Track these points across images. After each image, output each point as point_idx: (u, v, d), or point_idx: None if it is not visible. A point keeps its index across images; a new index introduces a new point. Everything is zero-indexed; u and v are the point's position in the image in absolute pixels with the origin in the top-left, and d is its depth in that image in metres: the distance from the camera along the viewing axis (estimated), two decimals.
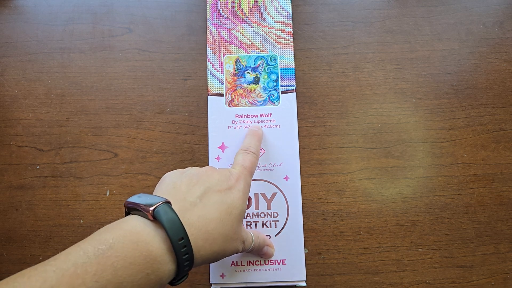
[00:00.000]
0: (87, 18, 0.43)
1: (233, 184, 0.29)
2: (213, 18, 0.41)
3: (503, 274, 0.37)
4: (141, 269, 0.22)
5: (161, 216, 0.24)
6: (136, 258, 0.22)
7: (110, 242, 0.22)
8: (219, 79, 0.39)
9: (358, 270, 0.37)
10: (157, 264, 0.23)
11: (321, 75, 0.41)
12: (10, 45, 0.42)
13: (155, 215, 0.24)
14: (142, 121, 0.41)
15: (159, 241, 0.23)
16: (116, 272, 0.21)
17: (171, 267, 0.24)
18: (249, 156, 0.33)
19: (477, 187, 0.39)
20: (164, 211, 0.24)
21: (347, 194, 0.39)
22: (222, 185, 0.28)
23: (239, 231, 0.29)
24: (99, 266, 0.21)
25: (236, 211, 0.28)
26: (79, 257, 0.21)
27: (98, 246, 0.22)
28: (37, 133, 0.40)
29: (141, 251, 0.22)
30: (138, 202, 0.25)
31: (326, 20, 0.43)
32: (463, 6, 0.43)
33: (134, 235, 0.23)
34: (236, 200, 0.28)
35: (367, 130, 0.40)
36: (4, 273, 0.37)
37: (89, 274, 0.20)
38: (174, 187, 0.28)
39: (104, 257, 0.21)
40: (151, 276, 0.23)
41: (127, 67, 0.42)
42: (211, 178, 0.29)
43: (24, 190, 0.39)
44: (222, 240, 0.27)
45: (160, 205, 0.24)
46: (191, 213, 0.26)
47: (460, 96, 0.41)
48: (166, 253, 0.23)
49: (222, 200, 0.27)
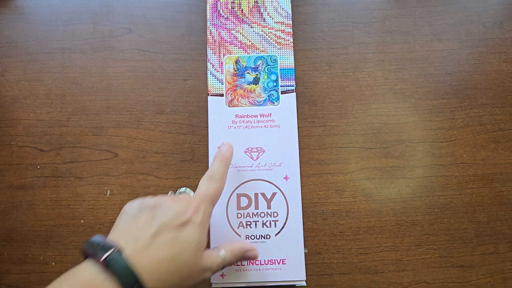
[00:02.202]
0: (87, 19, 0.43)
1: (189, 218, 0.29)
2: (213, 18, 0.41)
3: (503, 274, 0.37)
4: None
5: (112, 265, 0.25)
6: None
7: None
8: (219, 79, 0.39)
9: (358, 269, 0.37)
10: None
11: (321, 75, 0.41)
12: (10, 45, 0.43)
13: (106, 264, 0.25)
14: (142, 121, 0.41)
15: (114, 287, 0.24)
16: None
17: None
18: (213, 184, 0.32)
19: (476, 187, 0.39)
20: (115, 260, 0.25)
21: (346, 194, 0.39)
22: (177, 220, 0.28)
23: (197, 264, 0.29)
24: None
25: (190, 246, 0.28)
26: None
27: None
28: (37, 133, 0.41)
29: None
30: (91, 249, 0.26)
31: (326, 21, 0.43)
32: (463, 7, 0.43)
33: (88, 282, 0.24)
34: (191, 234, 0.28)
35: (366, 130, 0.40)
36: (5, 273, 0.38)
37: None
38: (130, 223, 0.29)
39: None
40: None
41: (127, 67, 0.42)
42: (167, 211, 0.29)
43: (24, 190, 0.39)
44: (178, 277, 0.27)
45: (111, 254, 0.25)
46: (144, 255, 0.26)
47: (460, 96, 0.41)
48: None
49: (175, 237, 0.28)
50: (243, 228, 0.36)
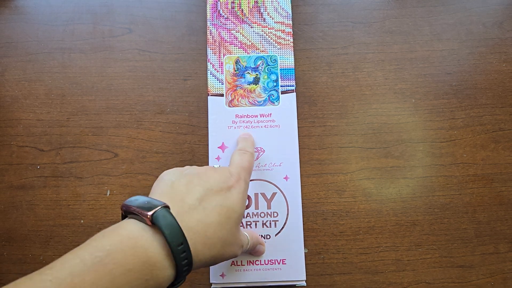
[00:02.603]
0: (87, 18, 0.43)
1: (232, 185, 0.28)
2: (213, 18, 0.41)
3: (503, 274, 0.37)
4: (140, 275, 0.22)
5: (159, 222, 0.23)
6: (135, 265, 0.22)
7: (107, 248, 0.21)
8: (219, 79, 0.39)
9: (358, 270, 0.37)
10: (156, 270, 0.22)
11: (321, 75, 0.41)
12: (10, 45, 0.43)
13: (153, 220, 0.23)
14: (142, 121, 0.41)
15: (158, 246, 0.23)
16: (114, 280, 0.20)
17: (170, 272, 0.23)
18: (247, 156, 0.32)
19: (476, 187, 0.39)
20: (163, 216, 0.23)
21: (346, 194, 0.39)
22: (222, 186, 0.28)
23: (237, 235, 0.28)
24: (96, 274, 0.20)
25: (235, 215, 0.27)
26: (76, 265, 0.20)
27: (95, 253, 0.21)
28: (37, 133, 0.41)
29: (139, 257, 0.22)
30: (135, 207, 0.24)
31: (326, 21, 0.43)
32: (463, 7, 0.43)
33: (132, 240, 0.22)
34: (236, 203, 0.28)
35: (366, 130, 0.40)
36: (5, 273, 0.38)
37: (86, 283, 0.20)
38: (173, 187, 0.27)
39: (101, 264, 0.21)
40: (150, 282, 0.22)
41: (127, 67, 0.42)
42: (211, 178, 0.28)
43: (24, 190, 0.39)
44: (221, 245, 0.26)
45: (159, 210, 0.23)
46: (190, 216, 0.25)
47: (460, 96, 0.41)
48: (165, 259, 0.23)
49: (222, 203, 0.27)
50: (243, 228, 0.36)
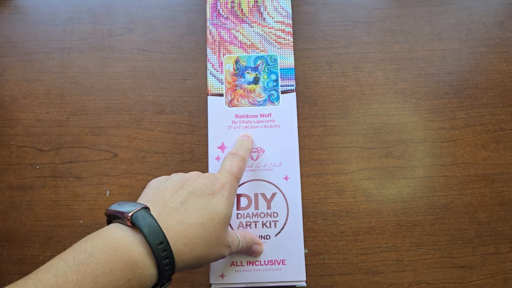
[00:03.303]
0: (87, 18, 0.43)
1: (217, 190, 0.29)
2: (213, 18, 0.41)
3: (504, 274, 0.37)
4: (122, 274, 0.22)
5: (139, 221, 0.24)
6: (116, 264, 0.22)
7: (89, 250, 0.22)
8: (219, 79, 0.39)
9: (358, 270, 0.37)
10: (138, 269, 0.23)
11: (321, 75, 0.41)
12: (10, 45, 0.42)
13: (133, 220, 0.24)
14: (142, 121, 0.41)
15: (139, 245, 0.23)
16: (96, 279, 0.21)
17: (153, 271, 0.24)
18: (236, 160, 0.32)
19: (477, 187, 0.39)
20: (142, 216, 0.24)
21: (347, 194, 0.39)
22: (206, 190, 0.28)
23: (223, 236, 0.29)
24: (79, 274, 0.21)
25: (219, 217, 0.28)
26: (60, 267, 0.21)
27: (77, 255, 0.22)
28: (36, 133, 0.40)
29: (120, 256, 0.22)
30: (116, 209, 0.25)
31: (326, 20, 0.43)
32: (464, 6, 0.43)
33: (113, 241, 0.23)
34: (220, 205, 0.28)
35: (367, 130, 0.40)
36: (4, 273, 0.37)
37: (70, 284, 0.20)
38: (157, 193, 0.28)
39: (84, 265, 0.21)
40: (133, 281, 0.23)
41: (127, 67, 0.42)
42: (195, 183, 0.29)
43: (23, 190, 0.39)
44: (204, 245, 0.27)
45: (138, 211, 0.24)
46: (171, 218, 0.26)
47: (461, 96, 0.41)
48: (147, 258, 0.23)
49: (204, 205, 0.28)
50: (243, 229, 0.36)
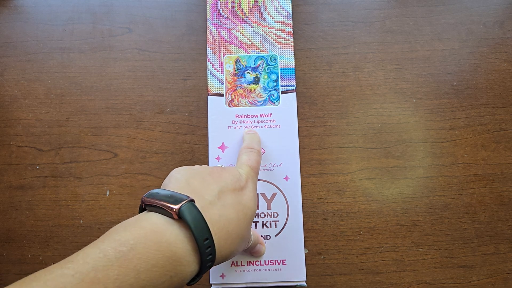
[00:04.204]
0: (87, 18, 0.43)
1: (244, 185, 0.28)
2: (213, 18, 0.41)
3: (504, 275, 0.37)
4: (164, 271, 0.21)
5: (186, 216, 0.22)
6: (159, 260, 0.21)
7: (131, 243, 0.20)
8: (219, 79, 0.39)
9: (358, 270, 0.37)
10: (181, 265, 0.22)
11: (321, 75, 0.41)
12: (9, 45, 0.42)
13: (180, 214, 0.22)
14: (142, 121, 0.41)
15: (183, 241, 0.22)
16: (139, 276, 0.20)
17: (194, 268, 0.23)
18: (254, 154, 0.32)
19: (477, 187, 0.39)
20: (189, 210, 0.22)
21: (347, 194, 0.39)
22: (235, 185, 0.27)
23: (250, 233, 0.28)
24: (121, 270, 0.19)
25: (250, 212, 0.27)
26: (99, 259, 0.19)
27: (118, 248, 0.20)
28: (36, 133, 0.40)
29: (164, 252, 0.21)
30: (159, 200, 0.23)
31: (326, 20, 0.43)
32: (464, 6, 0.43)
33: (157, 235, 0.21)
34: (249, 200, 0.27)
35: (367, 130, 0.40)
36: (4, 274, 0.37)
37: (110, 279, 0.19)
38: (188, 184, 0.26)
39: (126, 259, 0.19)
40: (174, 278, 0.21)
41: (127, 67, 0.42)
42: (223, 178, 0.27)
43: (23, 190, 0.39)
44: (239, 241, 0.26)
45: (185, 204, 0.23)
46: (212, 212, 0.24)
47: (461, 96, 0.41)
48: (190, 254, 0.22)
49: (238, 201, 0.27)
50: None
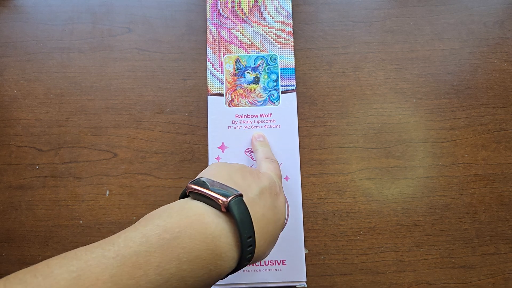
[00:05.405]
0: (86, 18, 0.43)
1: (278, 191, 0.28)
2: (213, 17, 0.41)
3: (504, 275, 0.37)
4: (206, 264, 0.20)
5: (234, 210, 0.21)
6: (202, 252, 0.20)
7: (176, 231, 0.20)
8: (219, 79, 0.39)
9: (359, 270, 0.37)
10: (221, 260, 0.21)
11: (322, 75, 0.41)
12: (9, 45, 0.42)
13: (229, 207, 0.22)
14: (141, 121, 0.40)
15: (227, 236, 0.21)
16: (180, 266, 0.19)
17: (233, 264, 0.22)
18: (276, 164, 0.32)
19: (477, 187, 0.39)
20: (237, 205, 0.22)
21: (347, 194, 0.39)
22: (272, 189, 0.27)
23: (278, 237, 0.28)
24: (163, 257, 0.18)
25: (282, 218, 0.27)
26: (141, 244, 0.18)
27: (162, 235, 0.19)
28: (36, 133, 0.40)
29: (208, 244, 0.20)
30: (207, 192, 0.22)
31: (327, 20, 0.43)
32: (464, 6, 0.43)
33: (203, 226, 0.21)
34: (282, 207, 0.27)
35: (367, 130, 0.40)
36: (4, 274, 0.37)
37: (152, 265, 0.18)
38: (231, 179, 0.25)
39: (169, 247, 0.19)
40: (213, 272, 0.21)
41: (126, 67, 0.42)
42: (261, 179, 0.27)
43: (23, 190, 0.39)
44: (273, 243, 0.25)
45: (235, 198, 0.22)
46: (255, 210, 0.24)
47: (461, 96, 0.41)
48: (232, 249, 0.21)
49: (275, 204, 0.26)
50: None
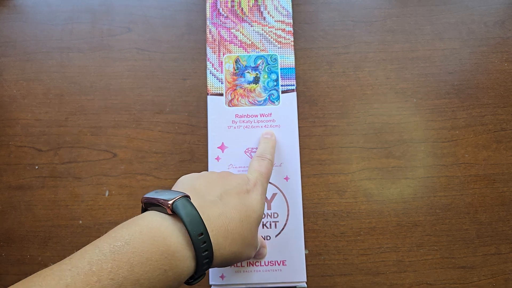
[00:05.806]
0: (86, 18, 0.43)
1: (251, 188, 0.28)
2: (213, 17, 0.40)
3: (504, 275, 0.37)
4: (159, 265, 0.21)
5: (180, 210, 0.23)
6: (153, 254, 0.21)
7: (126, 238, 0.21)
8: (218, 78, 0.39)
9: (359, 271, 0.37)
10: (175, 260, 0.22)
11: (322, 75, 0.41)
12: (9, 45, 0.42)
13: (173, 209, 0.23)
14: (141, 121, 0.40)
15: (178, 235, 0.23)
16: (132, 269, 0.20)
17: (190, 264, 0.23)
18: (265, 162, 0.32)
19: (478, 188, 0.39)
20: (183, 205, 0.23)
21: (347, 195, 0.39)
22: (241, 188, 0.28)
23: (256, 237, 0.28)
24: (114, 263, 0.20)
25: (255, 215, 0.27)
26: (94, 254, 0.20)
27: (113, 243, 0.21)
28: (36, 133, 0.40)
29: (158, 246, 0.22)
30: (155, 197, 0.24)
31: (327, 20, 0.42)
32: (464, 6, 0.43)
33: (151, 230, 0.22)
34: (255, 204, 0.28)
35: (367, 130, 0.40)
36: (3, 274, 0.37)
37: (104, 271, 0.19)
38: (193, 187, 0.27)
39: (120, 253, 0.20)
40: (169, 273, 0.22)
41: (126, 67, 0.42)
42: (229, 181, 0.28)
43: (22, 191, 0.39)
44: (241, 242, 0.26)
45: (179, 199, 0.23)
46: (211, 210, 0.25)
47: (461, 96, 0.41)
48: (185, 248, 0.23)
49: (242, 202, 0.27)
50: None
